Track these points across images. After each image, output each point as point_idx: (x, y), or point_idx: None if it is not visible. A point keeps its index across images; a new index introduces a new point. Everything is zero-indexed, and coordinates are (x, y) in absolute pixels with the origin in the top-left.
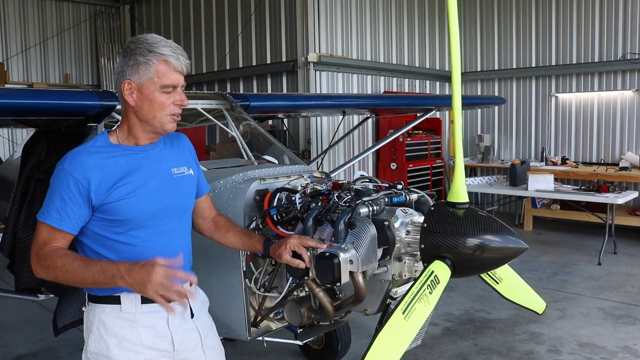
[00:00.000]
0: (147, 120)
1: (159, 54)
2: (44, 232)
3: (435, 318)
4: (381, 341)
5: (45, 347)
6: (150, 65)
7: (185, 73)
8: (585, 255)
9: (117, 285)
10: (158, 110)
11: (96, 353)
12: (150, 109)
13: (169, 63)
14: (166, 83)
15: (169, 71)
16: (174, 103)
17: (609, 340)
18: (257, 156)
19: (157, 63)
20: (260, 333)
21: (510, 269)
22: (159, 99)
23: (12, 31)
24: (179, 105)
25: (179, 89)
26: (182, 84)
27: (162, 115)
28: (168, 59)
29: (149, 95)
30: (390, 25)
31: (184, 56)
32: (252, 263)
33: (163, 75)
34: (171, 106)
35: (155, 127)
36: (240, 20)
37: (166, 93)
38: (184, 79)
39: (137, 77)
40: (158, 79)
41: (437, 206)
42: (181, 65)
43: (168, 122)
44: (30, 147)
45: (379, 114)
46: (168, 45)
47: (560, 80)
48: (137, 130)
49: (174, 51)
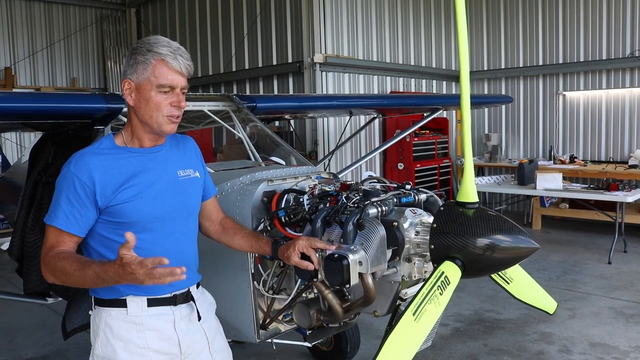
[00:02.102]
0: (145, 120)
1: (157, 53)
2: (51, 235)
3: (445, 318)
4: (392, 343)
5: (55, 351)
6: (148, 65)
7: (186, 75)
8: (595, 254)
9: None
10: (154, 111)
11: (103, 357)
12: (146, 109)
13: (167, 63)
14: (162, 83)
15: (166, 71)
16: (171, 104)
17: (620, 340)
18: (264, 157)
19: (155, 62)
20: (269, 335)
21: (521, 268)
22: (155, 99)
23: (19, 36)
24: (176, 106)
25: (177, 90)
26: (181, 85)
27: (158, 116)
28: (165, 59)
29: (146, 95)
30: (396, 25)
31: (184, 57)
32: (261, 265)
33: (160, 75)
34: (168, 107)
35: (153, 127)
36: (246, 21)
37: (163, 93)
38: (185, 81)
39: (136, 76)
40: (155, 79)
41: (447, 206)
42: (180, 66)
43: (165, 124)
44: (38, 150)
45: (385, 114)
46: (168, 45)
47: (568, 78)
48: (139, 132)
49: (173, 51)
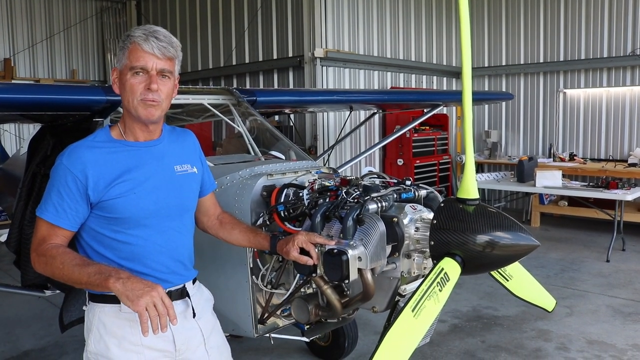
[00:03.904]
0: (126, 107)
1: (131, 36)
2: (42, 228)
3: (443, 315)
4: (390, 339)
5: (52, 343)
6: (125, 50)
7: (160, 56)
8: (594, 252)
9: (106, 286)
10: (130, 95)
11: (96, 353)
12: (124, 94)
13: (138, 44)
14: (134, 65)
15: (138, 52)
16: (145, 87)
17: (617, 338)
18: (264, 152)
19: (130, 46)
20: (267, 330)
21: (520, 265)
22: (129, 82)
23: (19, 27)
24: (148, 89)
25: (152, 72)
26: (156, 67)
27: (134, 100)
28: (137, 40)
29: (124, 80)
30: (397, 20)
31: (159, 39)
32: (259, 260)
33: (133, 57)
34: (141, 90)
35: (132, 114)
36: (247, 15)
37: (136, 75)
38: (162, 64)
39: (119, 64)
40: (129, 62)
41: (447, 202)
42: (152, 47)
43: (141, 108)
44: (36, 142)
45: (386, 110)
46: (144, 29)
47: (569, 75)
48: (129, 122)
49: (146, 33)
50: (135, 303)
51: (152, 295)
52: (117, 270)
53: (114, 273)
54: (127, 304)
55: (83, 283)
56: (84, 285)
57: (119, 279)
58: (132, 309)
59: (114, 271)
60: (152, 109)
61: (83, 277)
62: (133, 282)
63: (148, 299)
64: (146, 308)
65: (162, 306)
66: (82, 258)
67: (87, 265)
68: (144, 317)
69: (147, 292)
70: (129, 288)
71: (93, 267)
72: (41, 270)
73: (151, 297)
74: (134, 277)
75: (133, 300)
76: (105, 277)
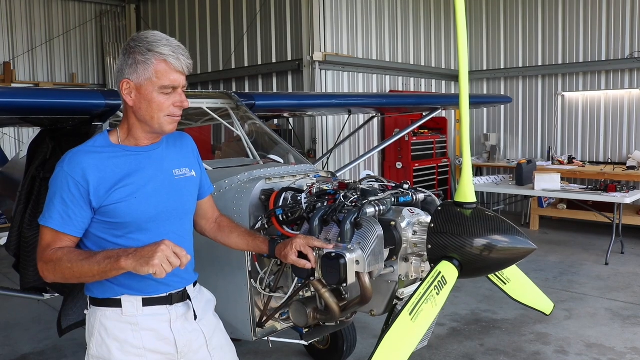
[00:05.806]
0: (145, 120)
1: (158, 53)
2: (47, 236)
3: (441, 318)
4: (388, 343)
5: (51, 346)
6: (149, 65)
7: (186, 73)
8: (593, 255)
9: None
10: (156, 112)
11: (98, 357)
12: (148, 109)
13: (169, 63)
14: (165, 84)
15: (169, 71)
16: (174, 104)
17: (616, 341)
18: (263, 155)
19: (157, 63)
20: (266, 333)
21: (518, 269)
22: (158, 100)
23: (18, 31)
24: (179, 106)
25: (179, 89)
26: (182, 84)
27: (160, 117)
28: (168, 59)
29: (148, 96)
30: (396, 24)
31: (185, 56)
32: (258, 263)
33: (162, 75)
34: (170, 107)
35: (154, 128)
36: (246, 19)
37: (165, 94)
38: (185, 80)
39: (136, 76)
40: (157, 80)
41: (445, 206)
42: (182, 65)
43: (167, 124)
44: (36, 146)
45: (384, 113)
46: (169, 44)
47: (567, 79)
48: (136, 131)
49: (174, 50)
50: (150, 265)
51: (162, 249)
52: (123, 249)
53: (122, 252)
54: (143, 271)
55: (96, 274)
56: (97, 277)
57: (129, 256)
58: (150, 273)
59: (122, 251)
60: (176, 124)
61: (94, 268)
62: (141, 251)
63: (160, 255)
64: (162, 265)
65: (175, 257)
66: (86, 252)
67: (94, 256)
68: (163, 275)
69: (156, 251)
70: (139, 257)
71: (100, 255)
72: (52, 277)
73: (162, 253)
74: (139, 248)
75: (147, 264)
76: (115, 260)
